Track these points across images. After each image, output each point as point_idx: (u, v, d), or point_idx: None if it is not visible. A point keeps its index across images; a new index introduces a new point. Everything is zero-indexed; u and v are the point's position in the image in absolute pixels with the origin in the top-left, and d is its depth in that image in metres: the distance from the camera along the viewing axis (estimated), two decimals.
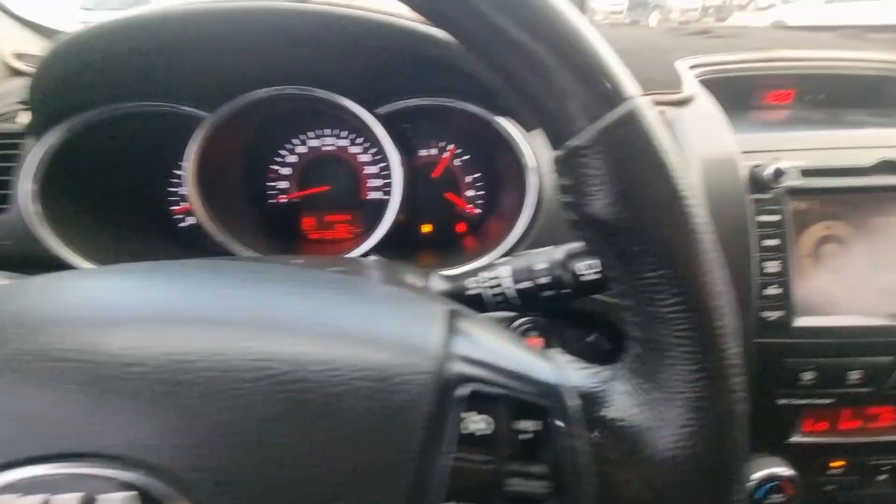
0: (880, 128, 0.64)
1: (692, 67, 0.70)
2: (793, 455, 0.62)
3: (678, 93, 0.65)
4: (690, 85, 0.65)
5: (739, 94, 0.75)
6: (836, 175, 0.59)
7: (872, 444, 0.62)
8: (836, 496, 0.63)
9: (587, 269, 0.42)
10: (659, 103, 0.65)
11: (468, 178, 0.80)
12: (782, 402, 0.59)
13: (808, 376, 0.58)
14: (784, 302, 0.57)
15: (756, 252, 0.57)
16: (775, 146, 0.60)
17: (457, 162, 0.80)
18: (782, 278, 0.57)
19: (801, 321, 0.57)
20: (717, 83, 0.71)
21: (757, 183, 0.57)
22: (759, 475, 0.60)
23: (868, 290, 0.58)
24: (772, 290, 0.57)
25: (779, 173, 0.56)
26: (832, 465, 0.63)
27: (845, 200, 0.59)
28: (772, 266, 0.57)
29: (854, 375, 0.58)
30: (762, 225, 0.57)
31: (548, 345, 0.68)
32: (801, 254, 0.58)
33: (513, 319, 0.67)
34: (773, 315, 0.57)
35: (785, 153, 0.60)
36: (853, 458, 0.62)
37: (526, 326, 0.68)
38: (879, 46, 0.80)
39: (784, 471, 0.60)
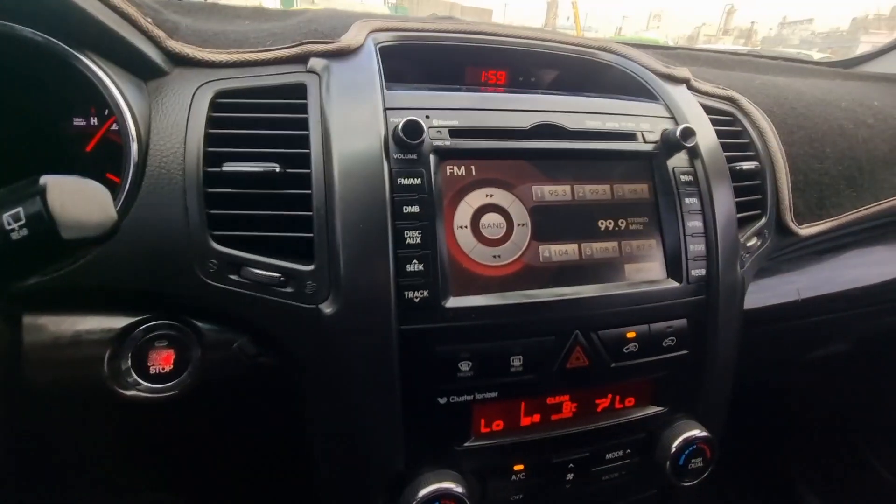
0: (537, 94, 0.61)
1: (376, 31, 0.62)
2: (469, 463, 0.53)
3: (332, 42, 0.56)
4: (352, 38, 0.57)
5: (442, 68, 0.69)
6: (488, 137, 0.53)
7: (553, 439, 0.55)
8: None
9: (14, 221, 0.27)
10: (311, 53, 0.55)
11: None
12: (443, 400, 0.50)
13: (464, 366, 0.49)
14: (429, 279, 0.48)
15: (397, 220, 0.48)
16: (428, 104, 0.53)
17: None
18: (425, 251, 0.48)
19: (453, 301, 0.49)
20: (408, 50, 0.64)
21: (398, 142, 0.49)
22: (424, 492, 0.49)
23: (531, 263, 0.53)
24: (415, 266, 0.48)
25: (416, 129, 0.48)
26: (515, 469, 0.55)
27: (506, 167, 0.54)
28: (413, 237, 0.48)
29: (517, 361, 0.51)
30: (401, 189, 0.48)
31: (184, 358, 0.52)
32: (456, 224, 0.51)
33: (140, 323, 0.50)
34: (417, 295, 0.48)
35: (437, 111, 0.53)
36: (535, 459, 0.55)
37: (153, 335, 0.51)
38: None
39: (454, 486, 0.50)
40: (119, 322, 0.50)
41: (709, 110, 0.70)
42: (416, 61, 0.67)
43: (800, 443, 1.38)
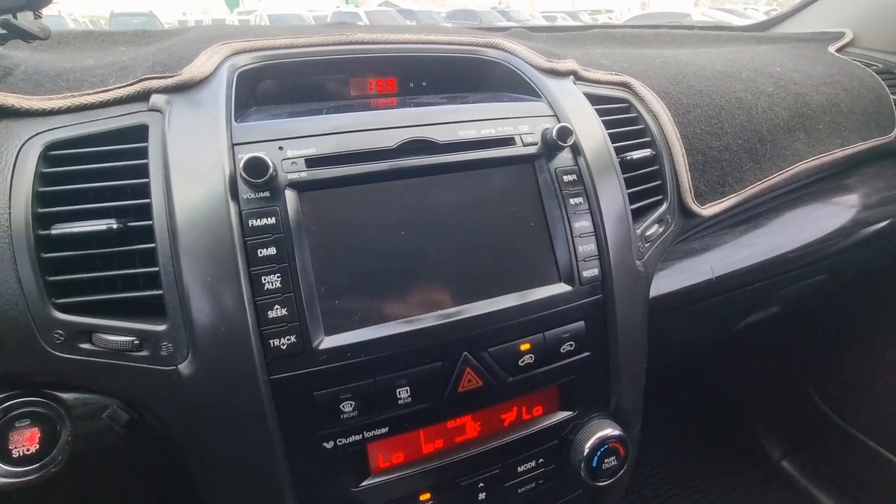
0: (406, 107, 0.58)
1: (237, 54, 0.58)
2: (372, 501, 0.51)
3: (173, 75, 0.51)
4: (197, 68, 0.53)
5: (322, 83, 0.66)
6: (350, 161, 0.50)
7: (459, 462, 0.54)
8: None
9: None
10: (151, 90, 0.51)
11: None
12: (329, 444, 0.48)
13: (347, 406, 0.47)
14: (294, 323, 0.45)
15: (252, 266, 0.45)
16: (281, 134, 0.49)
17: None
18: (287, 293, 0.45)
19: (327, 341, 0.46)
20: (276, 70, 0.60)
21: (245, 181, 0.46)
22: None
23: (411, 288, 0.50)
24: (277, 311, 0.45)
25: (260, 166, 0.44)
26: (422, 499, 0.53)
27: (374, 191, 0.51)
28: (271, 281, 0.45)
29: (404, 393, 0.49)
30: (254, 231, 0.45)
31: (52, 435, 0.48)
32: (321, 260, 0.48)
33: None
34: (284, 342, 0.45)
35: (292, 141, 0.49)
36: (442, 486, 0.54)
37: (12, 414, 0.47)
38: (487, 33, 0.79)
39: None
40: None
41: (600, 99, 0.69)
42: (293, 80, 0.64)
43: (758, 401, 1.43)
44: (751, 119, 0.79)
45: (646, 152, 0.67)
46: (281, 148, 0.48)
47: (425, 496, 0.53)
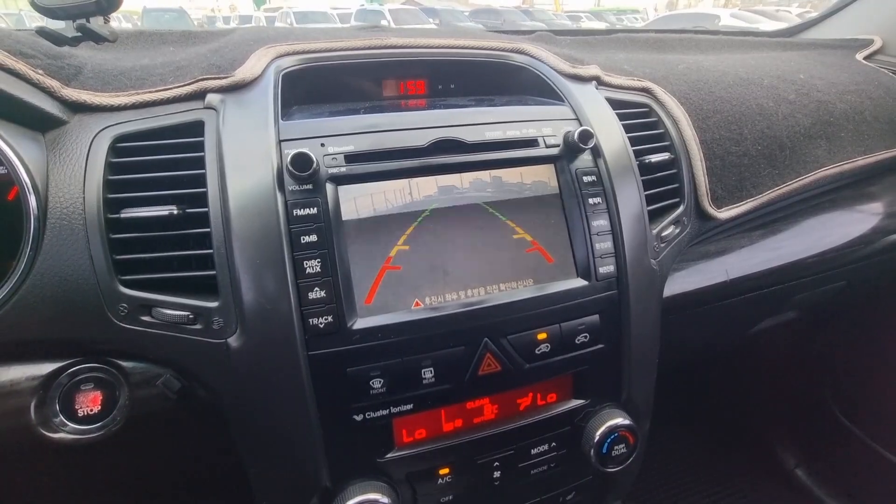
0: (436, 108, 0.62)
1: (281, 57, 0.63)
2: (395, 472, 0.55)
3: (227, 77, 0.56)
4: (248, 70, 0.58)
5: (358, 84, 0.70)
6: (385, 158, 0.54)
7: (477, 441, 0.58)
8: None
9: None
10: (207, 90, 0.56)
11: None
12: (359, 417, 0.52)
13: (376, 384, 0.51)
14: (332, 305, 0.50)
15: (296, 251, 0.49)
16: (323, 132, 0.54)
17: None
18: (326, 278, 0.50)
19: (360, 323, 0.51)
20: (316, 72, 0.65)
21: (291, 174, 0.50)
22: (351, 503, 0.52)
23: (438, 276, 0.54)
24: (317, 293, 0.49)
25: (306, 161, 0.49)
26: (441, 472, 0.57)
27: (407, 186, 0.55)
28: (312, 266, 0.50)
29: (429, 373, 0.53)
30: (298, 220, 0.50)
31: (112, 398, 0.54)
32: (357, 247, 0.52)
33: (65, 368, 0.52)
34: (322, 321, 0.49)
35: (333, 138, 0.54)
36: (460, 462, 0.57)
37: (79, 378, 0.53)
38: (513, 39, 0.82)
39: (379, 497, 0.52)
40: (43, 369, 0.52)
41: (621, 104, 0.71)
42: (330, 81, 0.68)
43: (773, 408, 1.43)
44: (771, 126, 0.80)
45: (664, 156, 0.70)
46: (323, 144, 0.53)
47: (444, 471, 0.57)
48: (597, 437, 0.60)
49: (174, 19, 12.02)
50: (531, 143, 0.60)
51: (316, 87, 0.67)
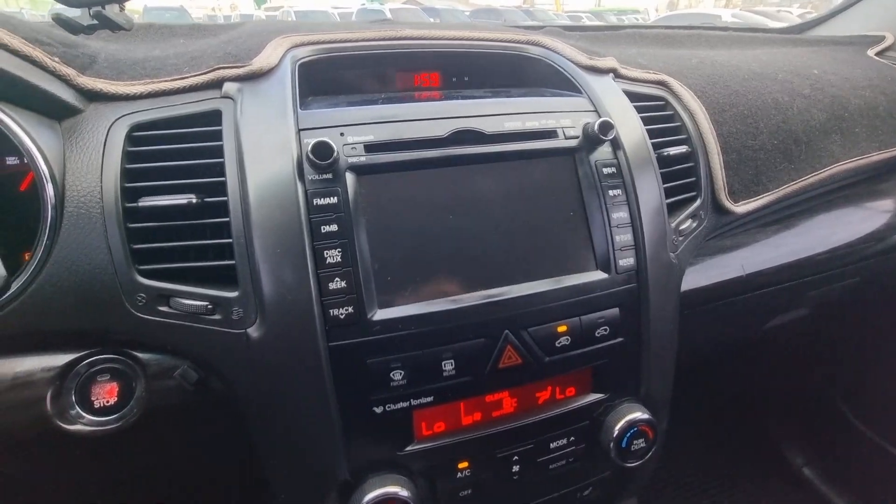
0: (455, 99, 0.61)
1: (296, 47, 0.62)
2: (414, 465, 0.55)
3: (244, 65, 0.56)
4: (265, 59, 0.57)
5: (372, 75, 0.70)
6: (405, 148, 0.53)
7: (496, 434, 0.57)
8: (471, 499, 0.57)
9: None
10: (224, 78, 0.56)
11: None
12: (379, 409, 0.52)
13: (397, 375, 0.51)
14: (352, 295, 0.49)
15: (316, 241, 0.49)
16: (342, 121, 0.53)
17: None
18: (346, 268, 0.49)
19: (380, 314, 0.50)
20: (331, 63, 0.64)
21: (311, 163, 0.50)
22: (368, 498, 0.51)
23: (457, 267, 0.54)
24: (337, 284, 0.49)
25: (326, 149, 0.48)
26: (460, 466, 0.57)
27: (426, 176, 0.54)
28: (333, 255, 0.49)
29: (449, 366, 0.52)
30: (318, 209, 0.49)
31: (128, 389, 0.53)
32: (377, 237, 0.52)
33: (82, 359, 0.52)
34: (342, 312, 0.49)
35: (352, 128, 0.53)
36: (479, 456, 0.57)
37: (95, 369, 0.53)
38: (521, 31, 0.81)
39: (399, 490, 0.52)
40: (60, 360, 0.51)
41: (638, 97, 0.71)
42: (344, 72, 0.68)
43: (781, 406, 1.43)
44: (786, 120, 0.80)
45: (682, 149, 0.69)
46: (342, 134, 0.52)
47: (463, 464, 0.57)
48: (616, 431, 0.60)
49: (175, 18, 12.00)
50: (550, 134, 0.59)
51: (330, 77, 0.66)
